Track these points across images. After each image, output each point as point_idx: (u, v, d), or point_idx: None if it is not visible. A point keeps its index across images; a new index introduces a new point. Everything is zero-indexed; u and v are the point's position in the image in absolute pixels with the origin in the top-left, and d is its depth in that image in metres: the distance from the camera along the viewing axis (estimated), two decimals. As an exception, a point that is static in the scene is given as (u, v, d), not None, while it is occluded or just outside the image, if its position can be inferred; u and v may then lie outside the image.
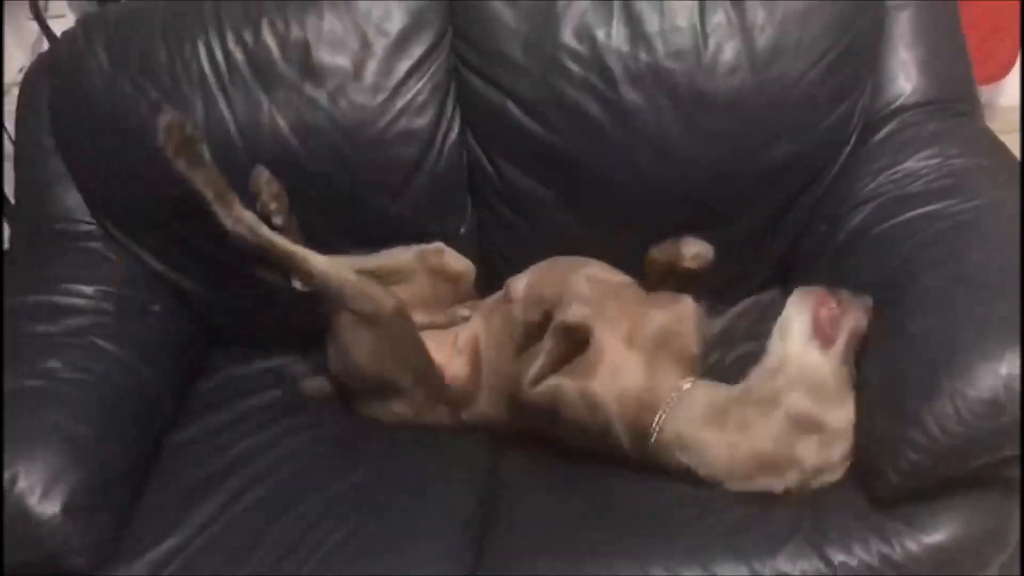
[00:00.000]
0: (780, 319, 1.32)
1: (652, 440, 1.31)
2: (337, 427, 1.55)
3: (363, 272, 1.53)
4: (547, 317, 1.39)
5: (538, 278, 1.52)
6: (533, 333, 1.42)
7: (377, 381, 1.51)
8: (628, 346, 1.37)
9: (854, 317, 1.27)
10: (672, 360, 1.37)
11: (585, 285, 1.44)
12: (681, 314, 1.42)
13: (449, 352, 1.56)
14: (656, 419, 1.30)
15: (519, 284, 1.53)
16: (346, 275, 1.47)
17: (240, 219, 1.46)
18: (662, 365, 1.36)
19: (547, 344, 1.37)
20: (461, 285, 1.64)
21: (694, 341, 1.41)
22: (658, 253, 1.46)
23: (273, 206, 1.54)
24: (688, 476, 1.29)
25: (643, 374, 1.34)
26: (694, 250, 1.42)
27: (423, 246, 1.63)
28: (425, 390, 1.51)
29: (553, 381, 1.36)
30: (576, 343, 1.36)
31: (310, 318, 1.64)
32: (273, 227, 1.51)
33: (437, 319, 1.60)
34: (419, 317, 1.56)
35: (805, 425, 1.23)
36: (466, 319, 1.59)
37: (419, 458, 1.47)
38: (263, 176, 1.54)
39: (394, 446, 1.50)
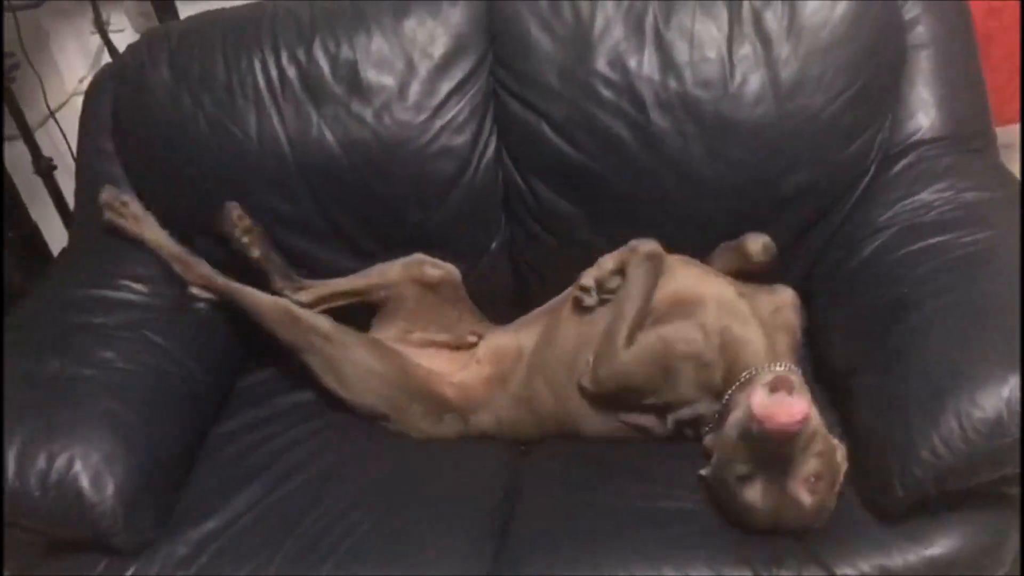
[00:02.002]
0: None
1: (727, 395, 1.37)
2: (369, 424, 1.62)
3: (350, 292, 1.67)
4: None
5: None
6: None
7: (367, 401, 1.59)
8: (738, 296, 1.46)
9: None
10: (785, 335, 1.47)
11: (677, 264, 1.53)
12: (787, 300, 1.54)
13: (464, 361, 1.63)
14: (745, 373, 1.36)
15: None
16: (282, 310, 1.60)
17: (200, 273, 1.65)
18: (777, 334, 1.45)
19: (624, 293, 1.46)
20: (443, 291, 1.69)
21: (798, 326, 1.53)
22: (723, 260, 1.57)
23: (246, 239, 1.65)
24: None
25: (757, 326, 1.42)
26: (760, 244, 1.54)
27: (404, 259, 1.69)
28: (411, 398, 1.58)
29: (650, 338, 1.42)
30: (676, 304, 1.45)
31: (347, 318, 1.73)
32: (251, 259, 1.65)
33: (439, 337, 1.67)
34: (420, 335, 1.65)
35: None
36: (473, 344, 1.65)
37: (445, 456, 1.54)
38: (234, 212, 1.65)
39: (421, 444, 1.58)
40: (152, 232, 1.67)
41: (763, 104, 1.55)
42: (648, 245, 1.49)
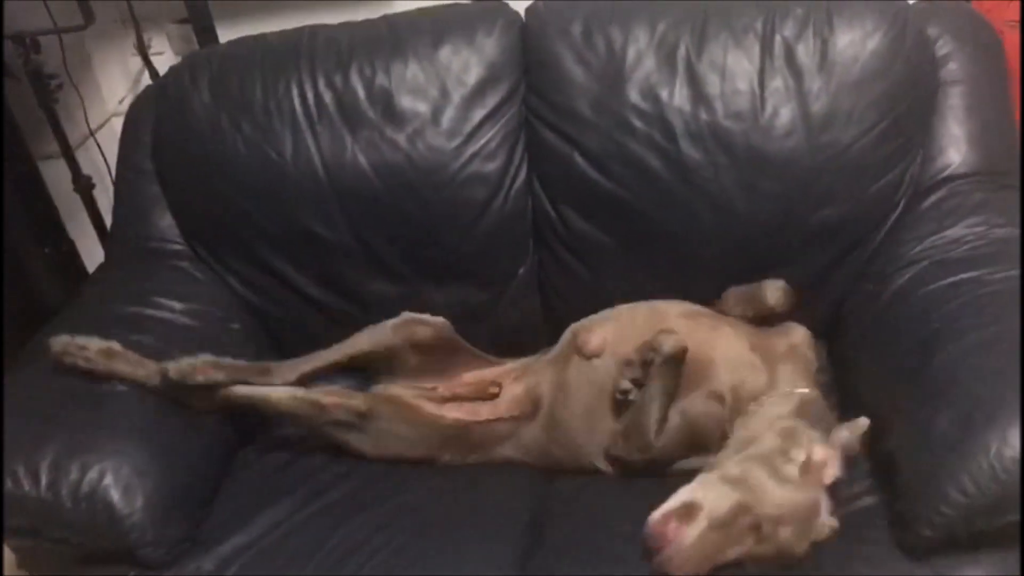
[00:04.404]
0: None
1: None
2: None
3: (338, 363, 1.59)
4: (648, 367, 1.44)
5: (619, 333, 1.55)
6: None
7: (395, 457, 1.59)
8: (750, 349, 1.49)
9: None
10: (797, 366, 1.49)
11: (679, 321, 1.53)
12: (800, 338, 1.56)
13: (487, 411, 1.62)
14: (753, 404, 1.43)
15: (593, 337, 1.57)
16: (308, 404, 1.53)
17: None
18: (787, 372, 1.47)
19: (653, 391, 1.43)
20: (439, 346, 1.63)
21: (812, 360, 1.55)
22: (740, 308, 1.59)
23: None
24: None
25: (765, 374, 1.46)
26: (779, 292, 1.57)
27: (393, 321, 1.61)
28: (441, 449, 1.59)
29: (674, 419, 1.43)
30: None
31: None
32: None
33: (460, 391, 1.64)
34: (443, 391, 1.63)
35: None
36: (495, 395, 1.63)
37: (470, 481, 1.55)
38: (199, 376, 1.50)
39: (446, 468, 1.58)
40: (127, 366, 1.48)
41: (794, 137, 1.57)
42: (669, 343, 1.42)
